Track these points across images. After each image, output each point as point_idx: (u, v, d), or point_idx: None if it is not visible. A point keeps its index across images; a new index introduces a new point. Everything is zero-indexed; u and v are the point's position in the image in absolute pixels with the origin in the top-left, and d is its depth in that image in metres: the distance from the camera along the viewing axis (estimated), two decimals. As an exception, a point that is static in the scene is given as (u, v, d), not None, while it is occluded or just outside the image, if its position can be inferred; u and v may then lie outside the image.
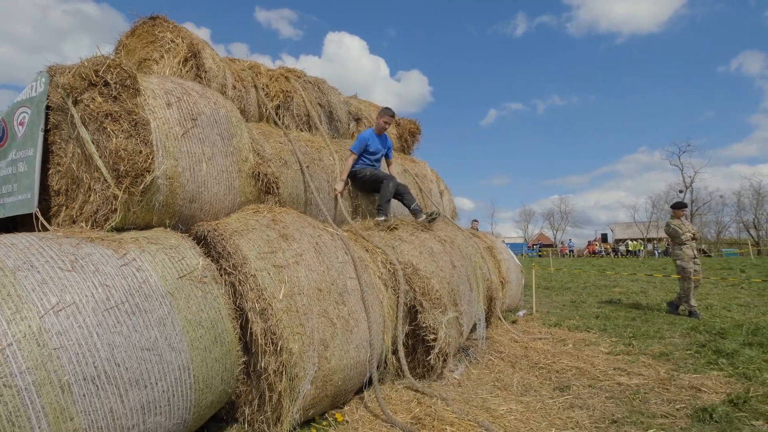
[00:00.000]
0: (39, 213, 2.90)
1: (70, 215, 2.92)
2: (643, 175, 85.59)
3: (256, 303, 2.61)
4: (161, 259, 2.41)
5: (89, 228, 2.72)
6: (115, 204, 2.68)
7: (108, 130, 2.64)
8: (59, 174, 3.03)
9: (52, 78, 2.90)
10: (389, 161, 5.24)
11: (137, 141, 2.71)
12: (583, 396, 3.37)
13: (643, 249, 38.56)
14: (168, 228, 2.91)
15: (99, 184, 2.74)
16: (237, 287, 2.68)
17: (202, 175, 3.13)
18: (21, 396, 1.69)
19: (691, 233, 6.93)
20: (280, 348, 2.57)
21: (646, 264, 21.66)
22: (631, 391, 3.42)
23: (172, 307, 2.27)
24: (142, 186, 2.71)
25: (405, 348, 3.55)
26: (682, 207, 7.31)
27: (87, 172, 2.82)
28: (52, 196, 3.07)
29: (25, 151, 3.04)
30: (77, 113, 2.72)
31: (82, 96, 2.68)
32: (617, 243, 46.84)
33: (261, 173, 3.57)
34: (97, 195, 2.75)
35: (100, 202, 2.74)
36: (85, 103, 2.67)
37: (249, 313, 2.61)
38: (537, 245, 55.07)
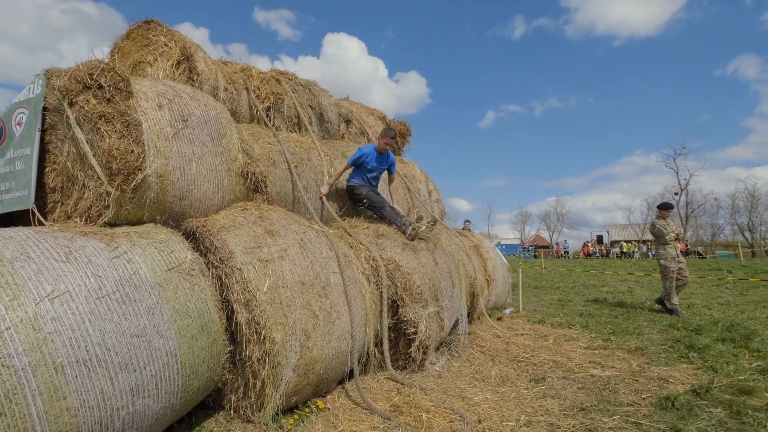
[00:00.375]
0: (35, 209, 3.05)
1: (65, 211, 3.06)
2: (640, 178, 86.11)
3: (241, 295, 2.76)
4: (151, 253, 2.55)
5: (83, 223, 2.87)
6: (108, 200, 2.83)
7: (101, 130, 2.79)
8: (55, 172, 3.18)
9: (48, 81, 3.04)
10: (391, 177, 5.25)
11: (129, 141, 2.86)
12: (557, 387, 3.53)
13: (638, 250, 38.83)
14: (159, 224, 3.06)
15: (93, 181, 2.88)
16: (223, 280, 2.83)
17: (191, 174, 3.28)
18: (18, 375, 1.83)
19: (675, 233, 7.12)
20: (263, 337, 2.72)
21: (637, 265, 21.86)
22: (603, 383, 3.58)
23: (160, 297, 2.41)
24: (133, 183, 2.86)
25: (388, 341, 3.70)
26: (668, 208, 7.49)
27: (81, 170, 2.96)
28: (48, 193, 3.21)
29: (23, 150, 3.18)
30: (72, 114, 2.86)
31: (77, 98, 2.83)
32: (612, 244, 47.12)
33: (249, 172, 3.72)
34: (91, 192, 2.90)
35: (93, 198, 2.89)
36: (80, 105, 2.82)
37: (234, 305, 2.76)
38: (533, 246, 55.32)
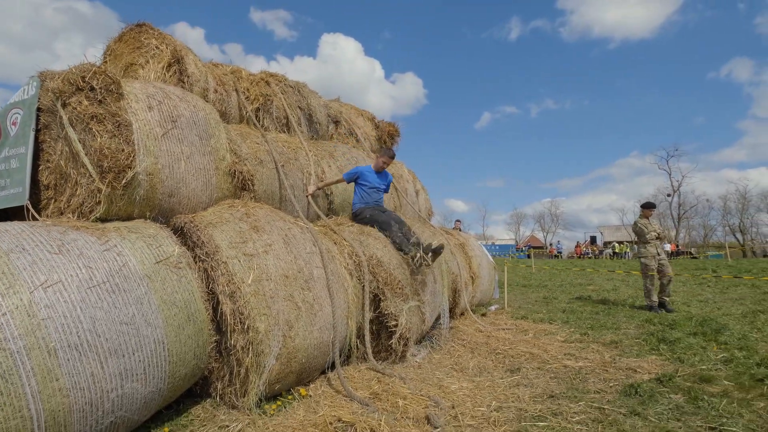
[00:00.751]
0: (30, 205, 3.18)
1: (58, 207, 3.20)
2: (635, 179, 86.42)
3: (226, 286, 2.91)
4: (140, 246, 2.70)
5: (75, 219, 3.01)
6: (99, 197, 2.97)
7: (93, 130, 2.93)
8: (48, 170, 3.31)
9: (42, 82, 3.18)
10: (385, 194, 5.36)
11: (120, 140, 3.00)
12: (530, 376, 3.70)
13: (629, 251, 39.22)
14: (148, 220, 3.20)
15: (85, 179, 3.02)
16: (210, 273, 2.98)
17: (180, 172, 3.42)
18: (13, 358, 1.97)
19: (656, 232, 7.32)
20: (247, 327, 2.87)
21: (627, 265, 22.15)
22: (574, 372, 3.76)
23: (148, 288, 2.56)
24: (124, 181, 3.00)
25: (370, 333, 3.86)
26: (650, 207, 7.68)
27: (74, 168, 3.10)
28: (41, 190, 3.35)
29: (18, 149, 3.31)
30: (65, 115, 3.01)
31: (70, 99, 2.97)
32: (606, 245, 47.57)
33: (237, 171, 3.87)
34: (83, 189, 3.04)
35: (85, 195, 3.03)
36: (73, 106, 2.96)
37: (220, 296, 2.91)
38: (526, 247, 55.71)
